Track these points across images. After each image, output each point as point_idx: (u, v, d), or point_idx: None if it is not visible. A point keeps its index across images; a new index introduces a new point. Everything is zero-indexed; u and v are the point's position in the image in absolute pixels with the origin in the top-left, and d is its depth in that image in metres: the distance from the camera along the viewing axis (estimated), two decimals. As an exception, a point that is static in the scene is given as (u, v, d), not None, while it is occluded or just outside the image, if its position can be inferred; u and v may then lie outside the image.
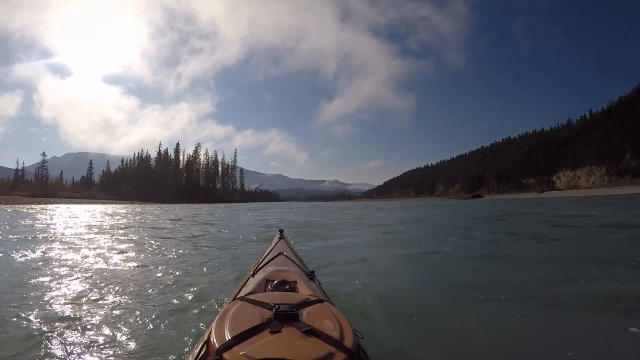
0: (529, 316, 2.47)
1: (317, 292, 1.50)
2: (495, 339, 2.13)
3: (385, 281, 3.52)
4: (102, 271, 3.89)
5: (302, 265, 1.95)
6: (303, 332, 0.93)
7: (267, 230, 9.00)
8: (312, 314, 1.04)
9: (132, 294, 2.96)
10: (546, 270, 3.89)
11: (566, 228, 8.47)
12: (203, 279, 3.50)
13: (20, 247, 5.66)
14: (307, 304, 1.11)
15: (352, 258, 4.78)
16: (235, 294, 1.54)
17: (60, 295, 2.93)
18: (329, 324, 0.99)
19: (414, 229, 9.64)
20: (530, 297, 2.81)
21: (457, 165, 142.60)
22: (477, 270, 4.01)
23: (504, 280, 3.47)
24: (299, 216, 16.72)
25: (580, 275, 3.44)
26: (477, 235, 7.59)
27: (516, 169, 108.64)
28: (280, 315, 1.00)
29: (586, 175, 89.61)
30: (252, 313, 1.02)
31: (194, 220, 14.50)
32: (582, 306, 2.64)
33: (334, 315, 1.05)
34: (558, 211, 15.65)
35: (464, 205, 31.42)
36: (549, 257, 4.64)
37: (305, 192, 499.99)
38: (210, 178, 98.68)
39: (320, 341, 0.90)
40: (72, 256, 4.93)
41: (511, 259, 4.60)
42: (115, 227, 10.54)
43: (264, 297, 1.17)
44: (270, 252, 2.14)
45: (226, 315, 1.01)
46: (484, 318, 2.46)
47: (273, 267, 1.78)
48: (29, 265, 4.26)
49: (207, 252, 5.52)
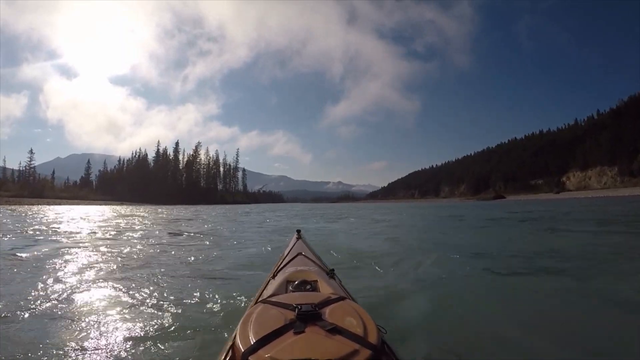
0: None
1: (338, 290, 1.48)
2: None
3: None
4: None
5: (321, 264, 1.97)
6: (327, 331, 0.93)
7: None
8: (334, 312, 1.03)
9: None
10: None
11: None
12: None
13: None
14: (329, 302, 1.10)
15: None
16: (257, 297, 1.53)
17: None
18: (352, 321, 0.98)
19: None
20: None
21: (462, 167, 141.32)
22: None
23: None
24: (307, 222, 13.78)
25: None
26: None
27: (523, 170, 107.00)
28: (303, 315, 0.99)
29: (597, 176, 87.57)
30: (275, 315, 1.02)
31: (173, 228, 11.17)
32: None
33: (357, 312, 1.04)
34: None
35: (495, 207, 27.12)
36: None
37: (309, 193, 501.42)
38: (211, 179, 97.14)
39: (344, 339, 0.90)
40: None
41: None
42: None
43: (285, 298, 1.17)
44: (289, 252, 2.15)
45: (249, 319, 1.01)
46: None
47: (293, 268, 1.77)
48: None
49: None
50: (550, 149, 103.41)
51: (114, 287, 3.12)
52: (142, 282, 3.30)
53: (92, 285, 3.25)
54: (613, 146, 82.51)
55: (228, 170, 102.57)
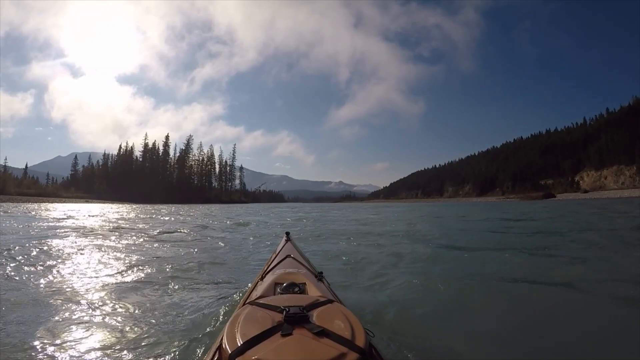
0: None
1: (326, 292, 1.48)
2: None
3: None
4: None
5: (310, 266, 1.96)
6: (314, 334, 0.93)
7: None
8: (322, 315, 1.03)
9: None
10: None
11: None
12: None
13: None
14: (317, 305, 1.09)
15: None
16: (245, 299, 1.54)
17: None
18: (340, 324, 0.98)
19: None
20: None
21: (466, 166, 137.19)
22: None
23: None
24: (305, 230, 8.85)
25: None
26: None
27: (532, 169, 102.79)
28: (290, 317, 0.99)
29: (614, 175, 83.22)
30: (262, 317, 1.01)
31: (124, 234, 7.84)
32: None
33: (345, 315, 1.03)
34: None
35: (580, 209, 18.12)
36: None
37: (310, 193, 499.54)
38: (205, 176, 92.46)
39: (331, 342, 0.90)
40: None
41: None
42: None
43: (273, 300, 1.17)
44: (278, 254, 2.14)
45: (237, 321, 1.00)
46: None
47: (281, 270, 1.76)
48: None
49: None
50: (560, 148, 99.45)
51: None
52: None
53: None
54: (631, 144, 77.79)
55: (224, 166, 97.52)
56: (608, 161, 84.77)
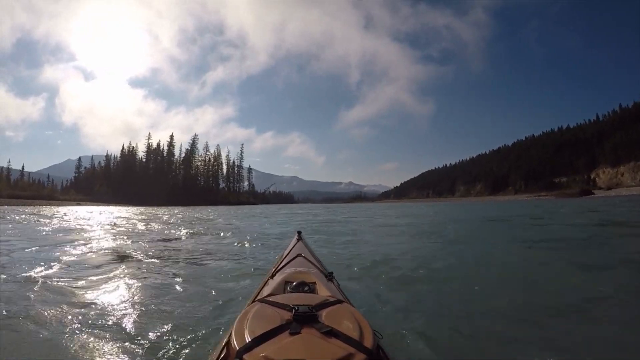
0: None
1: (336, 293, 1.47)
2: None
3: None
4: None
5: (320, 266, 1.92)
6: (322, 333, 0.92)
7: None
8: (331, 315, 1.03)
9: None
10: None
11: None
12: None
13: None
14: (326, 305, 1.09)
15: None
16: (255, 296, 1.52)
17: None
18: (349, 324, 0.97)
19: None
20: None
21: (477, 165, 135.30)
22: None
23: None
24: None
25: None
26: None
27: (545, 167, 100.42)
28: (299, 316, 0.99)
29: (631, 172, 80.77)
30: (271, 315, 1.02)
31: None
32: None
33: (353, 315, 1.03)
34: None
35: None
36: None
37: (320, 193, 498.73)
38: (212, 177, 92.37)
39: (339, 342, 0.89)
40: None
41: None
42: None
43: (283, 298, 1.16)
44: (289, 253, 2.12)
45: (246, 317, 1.01)
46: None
47: (292, 269, 1.75)
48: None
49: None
50: (573, 145, 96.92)
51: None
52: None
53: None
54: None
55: (232, 167, 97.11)
56: (624, 157, 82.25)
